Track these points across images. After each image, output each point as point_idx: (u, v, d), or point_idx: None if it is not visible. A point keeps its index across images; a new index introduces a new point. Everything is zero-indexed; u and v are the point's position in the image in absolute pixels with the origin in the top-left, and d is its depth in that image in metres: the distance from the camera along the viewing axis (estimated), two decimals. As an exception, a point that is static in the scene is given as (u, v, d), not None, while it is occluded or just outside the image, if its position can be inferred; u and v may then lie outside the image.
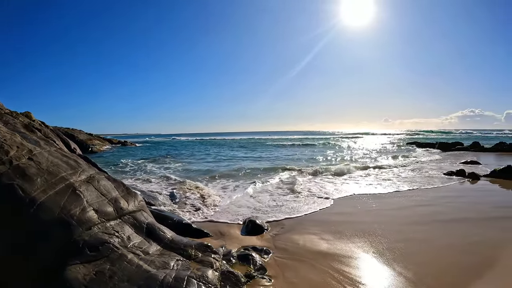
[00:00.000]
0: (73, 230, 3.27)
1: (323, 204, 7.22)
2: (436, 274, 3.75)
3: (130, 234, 3.73)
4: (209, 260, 3.80)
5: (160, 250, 3.79)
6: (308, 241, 4.99)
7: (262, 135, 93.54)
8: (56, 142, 4.85)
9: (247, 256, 4.20)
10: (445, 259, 4.17)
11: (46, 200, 3.34)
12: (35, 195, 3.33)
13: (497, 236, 4.95)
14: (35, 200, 3.28)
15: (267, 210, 6.87)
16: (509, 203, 7.19)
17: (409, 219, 5.97)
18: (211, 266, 3.69)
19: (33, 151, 3.87)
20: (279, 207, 7.04)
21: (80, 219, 3.38)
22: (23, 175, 3.44)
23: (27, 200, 3.25)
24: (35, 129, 4.82)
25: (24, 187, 3.33)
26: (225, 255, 4.20)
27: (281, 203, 7.39)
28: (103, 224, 3.59)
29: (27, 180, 3.42)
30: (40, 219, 3.19)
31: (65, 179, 3.72)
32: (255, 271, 3.92)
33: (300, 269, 4.03)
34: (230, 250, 4.40)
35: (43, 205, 3.28)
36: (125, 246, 3.49)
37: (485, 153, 21.62)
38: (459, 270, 3.85)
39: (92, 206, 3.62)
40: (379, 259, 4.24)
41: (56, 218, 3.25)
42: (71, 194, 3.58)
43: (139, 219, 4.05)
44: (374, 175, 11.66)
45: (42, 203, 3.29)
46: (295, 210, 6.83)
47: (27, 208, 3.21)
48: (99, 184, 4.05)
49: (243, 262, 4.12)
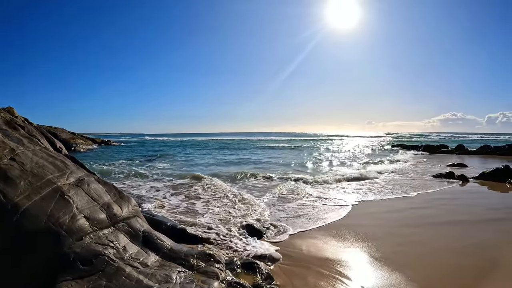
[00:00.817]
0: (62, 241, 2.88)
1: (340, 211, 6.87)
2: (443, 276, 3.71)
3: (125, 244, 3.36)
4: (213, 270, 3.50)
5: (160, 260, 3.45)
6: (311, 246, 4.80)
7: (245, 136, 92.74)
8: (40, 141, 4.36)
9: (252, 264, 3.93)
10: (448, 261, 4.13)
11: (31, 207, 2.92)
12: (18, 200, 2.91)
13: (494, 238, 4.97)
14: (18, 207, 2.86)
15: (284, 218, 6.52)
16: (501, 205, 7.24)
17: (405, 222, 5.92)
18: (217, 277, 3.40)
19: (16, 150, 3.42)
20: (296, 217, 6.60)
21: (70, 228, 2.99)
22: (4, 178, 3.00)
23: (9, 207, 2.83)
24: (18, 126, 4.31)
25: (5, 192, 2.90)
26: (228, 264, 3.91)
27: (295, 212, 6.93)
28: (95, 233, 3.21)
29: (9, 183, 2.99)
30: (24, 228, 2.78)
31: (51, 183, 3.31)
32: (262, 281, 3.66)
33: (308, 277, 3.82)
34: (232, 258, 4.12)
35: (28, 213, 2.87)
36: (121, 258, 3.13)
37: (470, 156, 21.88)
38: (463, 271, 3.83)
39: (82, 213, 3.23)
40: (383, 262, 4.14)
41: (42, 228, 2.85)
42: (59, 200, 3.17)
43: (134, 227, 3.69)
44: (366, 179, 11.25)
45: (27, 210, 2.88)
46: (316, 219, 6.34)
47: (9, 215, 2.79)
48: (89, 187, 3.65)
49: (248, 271, 3.85)
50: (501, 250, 4.47)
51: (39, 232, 2.81)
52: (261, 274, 3.78)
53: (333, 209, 7.03)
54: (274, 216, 6.51)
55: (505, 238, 4.99)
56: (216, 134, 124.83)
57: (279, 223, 6.02)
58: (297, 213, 6.71)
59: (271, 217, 6.47)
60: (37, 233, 2.80)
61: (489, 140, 49.30)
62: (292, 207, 7.29)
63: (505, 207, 7.10)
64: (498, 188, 9.42)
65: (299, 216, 6.54)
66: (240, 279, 3.54)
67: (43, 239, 2.81)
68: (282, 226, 5.83)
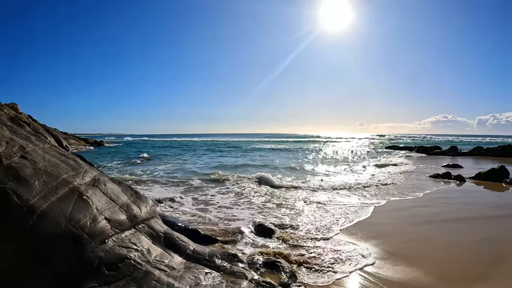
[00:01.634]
0: (85, 245, 2.64)
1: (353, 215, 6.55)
2: (457, 268, 3.81)
3: (149, 246, 3.15)
4: (240, 270, 3.35)
5: (184, 262, 3.26)
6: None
7: (235, 137, 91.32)
8: (47, 139, 4.03)
9: (275, 263, 3.81)
10: (459, 255, 4.23)
11: (48, 209, 2.66)
12: (34, 202, 2.64)
13: (499, 234, 5.09)
14: (34, 209, 2.60)
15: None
16: (500, 203, 7.46)
17: (413, 220, 5.97)
18: (245, 277, 3.25)
19: (26, 148, 3.12)
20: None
21: (91, 231, 2.75)
22: (17, 177, 2.71)
23: (24, 209, 2.56)
24: (23, 122, 3.95)
25: (19, 193, 2.62)
26: (251, 264, 3.77)
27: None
28: (118, 236, 2.98)
29: (22, 183, 2.71)
30: (42, 233, 2.52)
31: (68, 182, 3.04)
32: (288, 279, 3.55)
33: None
34: (253, 258, 3.98)
35: (45, 215, 2.61)
36: (147, 261, 2.92)
37: (463, 157, 22.04)
38: (474, 264, 3.93)
39: (103, 215, 2.99)
40: (399, 257, 4.16)
41: (62, 231, 2.60)
42: (77, 201, 2.92)
43: (155, 228, 3.47)
44: (366, 181, 10.94)
45: (44, 212, 2.62)
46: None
47: (25, 219, 2.53)
48: (106, 187, 3.40)
49: (272, 269, 3.72)
50: (507, 244, 4.58)
51: (59, 237, 2.56)
52: (285, 273, 3.67)
53: (350, 212, 7.02)
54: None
55: (509, 233, 5.11)
56: (206, 135, 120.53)
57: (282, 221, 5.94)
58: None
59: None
60: (57, 237, 2.55)
61: (481, 142, 48.79)
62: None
63: (504, 205, 7.31)
64: (495, 188, 9.61)
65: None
66: (265, 278, 3.42)
67: (64, 244, 2.56)
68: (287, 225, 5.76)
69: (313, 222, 5.86)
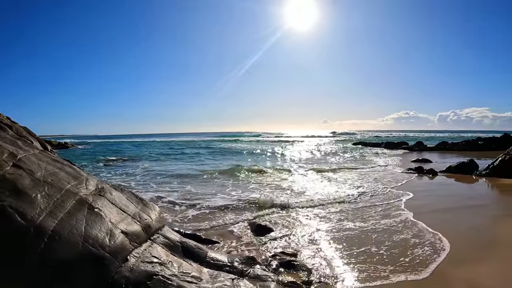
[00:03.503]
0: (108, 266, 2.27)
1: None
2: (458, 255, 4.06)
3: (170, 258, 2.86)
4: (264, 274, 3.25)
5: (207, 271, 3.04)
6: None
7: (197, 136, 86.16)
8: (33, 143, 3.31)
9: (291, 262, 3.77)
10: (454, 240, 4.48)
11: (59, 227, 2.22)
12: (41, 221, 2.18)
13: (483, 222, 5.51)
14: (44, 229, 2.15)
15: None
16: (476, 194, 8.10)
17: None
18: (272, 280, 3.17)
19: (17, 154, 2.55)
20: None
21: (113, 249, 2.38)
22: (15, 191, 2.20)
23: (32, 230, 2.10)
24: (3, 125, 3.17)
25: (22, 210, 2.13)
26: (268, 265, 3.68)
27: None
28: (137, 250, 2.64)
29: (22, 198, 2.21)
30: (57, 257, 2.09)
31: (73, 193, 2.58)
32: (307, 277, 3.54)
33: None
34: (267, 259, 3.89)
35: (58, 235, 2.17)
36: (174, 275, 2.64)
37: (429, 152, 22.08)
38: (470, 248, 4.29)
39: (118, 228, 2.62)
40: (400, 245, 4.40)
41: (80, 253, 2.19)
42: (89, 214, 2.50)
43: (170, 237, 3.16)
44: (339, 177, 10.98)
45: (56, 232, 2.18)
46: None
47: (34, 242, 2.07)
48: (113, 196, 2.98)
49: (289, 269, 3.67)
50: (493, 230, 5.02)
51: (78, 260, 2.15)
52: (303, 271, 3.66)
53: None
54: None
55: (492, 221, 5.57)
56: (170, 135, 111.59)
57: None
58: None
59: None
60: (75, 262, 2.14)
61: (444, 137, 46.22)
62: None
63: (480, 195, 8.01)
64: (466, 180, 10.06)
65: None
66: (287, 278, 3.37)
67: (85, 268, 2.17)
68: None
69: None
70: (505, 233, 4.90)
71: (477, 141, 23.29)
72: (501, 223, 5.48)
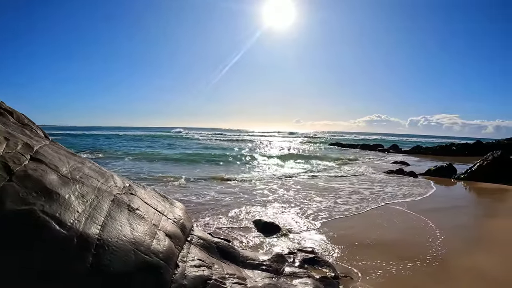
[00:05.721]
0: (164, 274, 1.93)
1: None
2: (453, 249, 4.29)
3: (212, 261, 2.57)
4: (297, 270, 3.14)
5: (246, 271, 2.82)
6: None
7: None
8: (38, 132, 2.57)
9: (314, 258, 3.72)
10: (447, 239, 4.68)
11: (106, 234, 1.80)
12: (84, 227, 1.73)
13: (469, 221, 5.92)
14: (90, 238, 1.71)
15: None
16: (458, 196, 8.45)
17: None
18: (307, 275, 3.07)
19: (32, 145, 1.98)
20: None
21: (165, 255, 2.03)
22: (45, 192, 1.70)
23: (76, 241, 1.65)
24: (3, 110, 2.36)
25: (57, 215, 1.66)
26: (292, 262, 3.58)
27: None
28: (182, 254, 2.31)
29: (54, 199, 1.72)
30: (109, 271, 1.68)
31: (107, 193, 2.12)
32: (333, 272, 3.53)
33: (360, 263, 3.89)
34: (289, 256, 3.79)
35: (107, 244, 1.75)
36: (224, 278, 2.38)
37: (404, 155, 22.04)
38: (462, 244, 4.54)
39: (162, 230, 2.25)
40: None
41: (135, 263, 1.81)
42: (131, 216, 2.08)
43: (204, 237, 2.85)
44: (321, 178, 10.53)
45: (103, 240, 1.75)
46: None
47: (78, 255, 1.64)
48: (144, 194, 2.55)
49: (313, 265, 3.61)
50: (479, 229, 5.44)
51: (133, 272, 1.77)
52: (328, 266, 3.65)
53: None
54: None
55: (477, 220, 6.02)
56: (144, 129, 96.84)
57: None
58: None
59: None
60: (131, 273, 1.76)
61: (416, 141, 47.75)
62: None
63: (462, 197, 8.39)
64: (446, 183, 10.18)
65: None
66: (316, 274, 3.32)
67: (142, 279, 1.80)
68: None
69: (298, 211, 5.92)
70: (490, 231, 5.30)
71: (450, 147, 23.73)
72: (485, 222, 5.92)
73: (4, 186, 1.65)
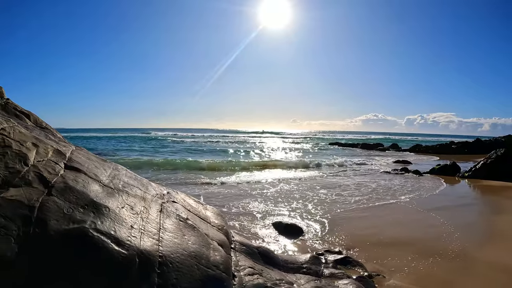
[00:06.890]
0: (227, 287, 1.71)
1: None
2: (469, 243, 4.24)
3: (261, 268, 2.37)
4: (335, 271, 3.00)
5: (292, 275, 2.64)
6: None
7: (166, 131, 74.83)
8: (58, 135, 2.19)
9: (345, 259, 3.60)
10: (462, 235, 4.61)
11: (166, 249, 1.55)
12: (144, 245, 1.48)
13: (478, 218, 5.92)
14: (151, 255, 1.46)
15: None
16: (464, 194, 8.27)
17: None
18: (347, 276, 2.94)
19: (64, 152, 1.67)
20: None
21: (224, 266, 1.81)
22: (92, 206, 1.44)
23: (137, 261, 1.40)
24: (19, 112, 1.98)
25: (112, 232, 1.40)
26: (325, 263, 3.44)
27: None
28: (235, 263, 2.10)
29: (105, 214, 1.46)
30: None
31: (153, 202, 1.85)
32: (365, 271, 3.43)
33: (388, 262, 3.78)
34: (322, 258, 3.64)
35: (169, 260, 1.52)
36: (276, 284, 2.19)
37: (404, 153, 21.47)
38: (473, 238, 4.51)
39: (214, 240, 2.02)
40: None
41: (200, 278, 1.58)
42: (185, 227, 1.84)
43: (245, 243, 2.64)
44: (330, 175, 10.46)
45: (165, 257, 1.51)
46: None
47: (144, 276, 1.39)
48: (184, 202, 2.30)
49: (346, 265, 3.49)
50: (490, 225, 5.42)
51: (200, 287, 1.55)
52: (360, 266, 3.54)
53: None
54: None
55: (485, 217, 5.88)
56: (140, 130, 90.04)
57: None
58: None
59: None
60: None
61: (414, 140, 47.04)
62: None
63: (468, 195, 8.22)
64: (451, 181, 9.90)
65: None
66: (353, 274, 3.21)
67: (209, 296, 1.58)
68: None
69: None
70: (502, 227, 5.24)
71: (450, 145, 23.41)
72: (495, 218, 5.83)
73: (43, 201, 1.37)
